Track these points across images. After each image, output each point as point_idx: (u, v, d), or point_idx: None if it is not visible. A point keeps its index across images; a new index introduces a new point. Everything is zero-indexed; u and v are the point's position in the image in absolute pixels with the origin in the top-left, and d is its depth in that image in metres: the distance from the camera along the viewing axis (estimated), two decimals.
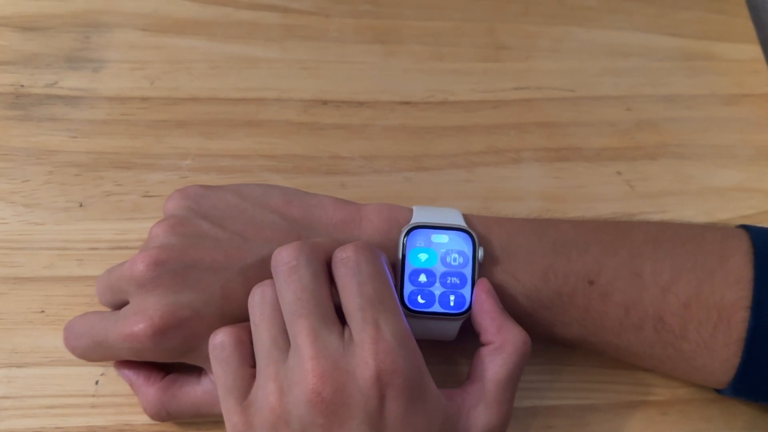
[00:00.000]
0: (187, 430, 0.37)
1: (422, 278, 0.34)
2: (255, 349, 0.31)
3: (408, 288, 0.34)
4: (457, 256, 0.35)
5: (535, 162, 0.46)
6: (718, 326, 0.34)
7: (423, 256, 0.34)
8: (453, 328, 0.35)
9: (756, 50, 0.53)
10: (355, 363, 0.29)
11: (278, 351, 0.30)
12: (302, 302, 0.30)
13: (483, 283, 0.34)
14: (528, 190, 0.45)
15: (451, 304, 0.34)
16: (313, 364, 0.29)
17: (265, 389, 0.30)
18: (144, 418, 0.36)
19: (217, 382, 0.31)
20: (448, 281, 0.34)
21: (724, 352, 0.34)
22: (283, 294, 0.31)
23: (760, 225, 0.37)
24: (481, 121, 0.48)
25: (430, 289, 0.34)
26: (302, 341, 0.29)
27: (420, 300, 0.34)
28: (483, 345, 0.33)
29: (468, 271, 0.34)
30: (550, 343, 0.39)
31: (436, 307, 0.34)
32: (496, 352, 0.32)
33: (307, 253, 0.31)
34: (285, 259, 0.31)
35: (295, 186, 0.38)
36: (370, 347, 0.29)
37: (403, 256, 0.34)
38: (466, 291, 0.34)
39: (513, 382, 0.32)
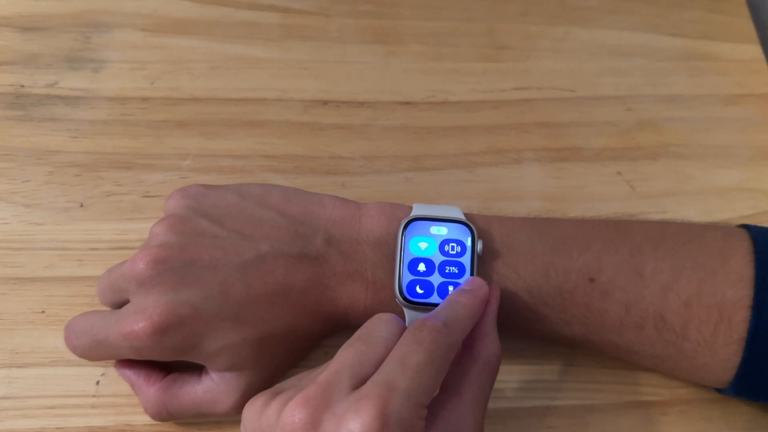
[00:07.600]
0: (188, 430, 0.37)
1: (421, 267, 0.34)
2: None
3: (407, 278, 0.34)
4: (455, 245, 0.35)
5: (535, 162, 0.46)
6: (718, 325, 0.34)
7: (423, 245, 0.35)
8: None
9: (756, 50, 0.53)
10: None
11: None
12: None
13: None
14: (528, 190, 0.45)
15: None
16: None
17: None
18: (145, 419, 0.36)
19: (354, 341, 0.30)
20: (447, 270, 0.34)
21: (724, 352, 0.34)
22: None
23: (760, 225, 0.37)
24: (481, 121, 0.48)
25: (429, 279, 0.34)
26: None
27: (419, 290, 0.34)
28: None
29: (467, 261, 0.34)
30: (551, 343, 0.39)
31: (435, 298, 0.34)
32: None
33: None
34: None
35: (295, 186, 0.38)
36: None
37: (402, 247, 0.34)
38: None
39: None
